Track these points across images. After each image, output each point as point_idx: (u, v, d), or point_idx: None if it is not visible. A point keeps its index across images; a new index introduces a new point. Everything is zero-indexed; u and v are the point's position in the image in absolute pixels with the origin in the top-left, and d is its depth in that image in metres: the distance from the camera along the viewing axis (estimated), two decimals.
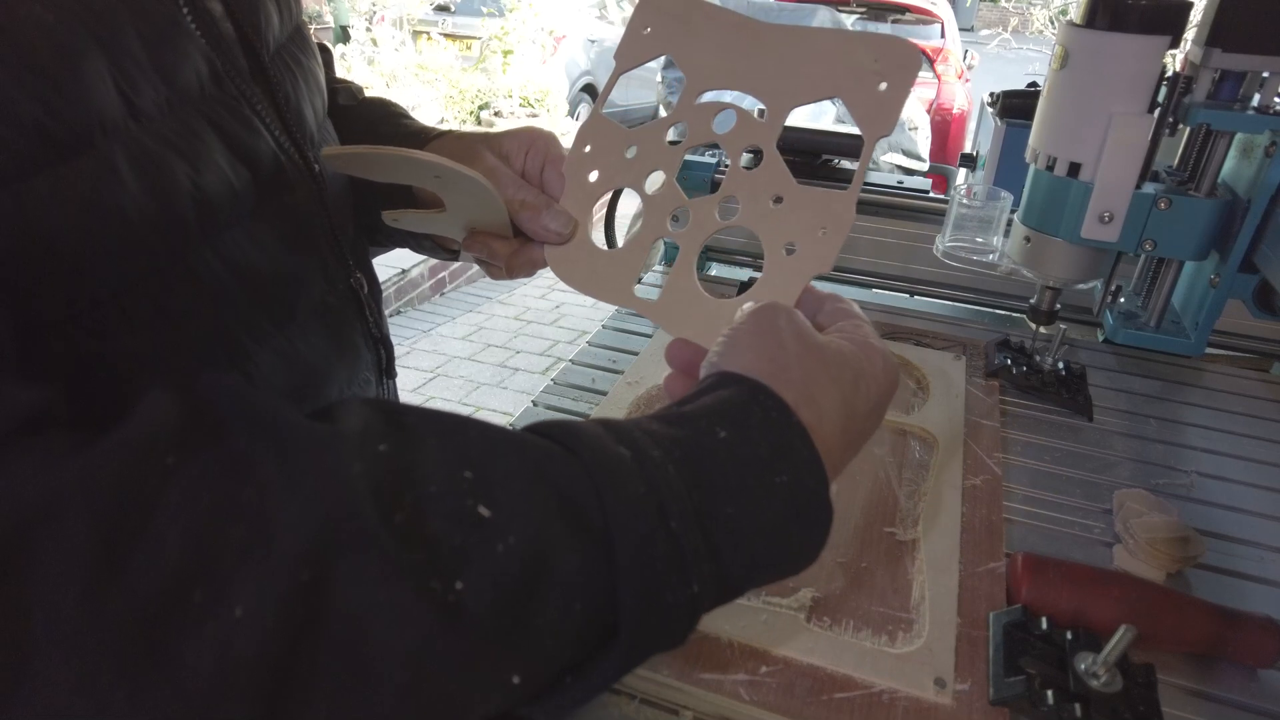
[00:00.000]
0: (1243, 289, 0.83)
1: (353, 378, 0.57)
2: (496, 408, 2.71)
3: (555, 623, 0.28)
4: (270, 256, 0.46)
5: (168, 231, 0.39)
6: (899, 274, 1.08)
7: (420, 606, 0.25)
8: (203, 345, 0.43)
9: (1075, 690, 0.47)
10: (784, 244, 0.44)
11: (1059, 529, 0.65)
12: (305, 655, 0.24)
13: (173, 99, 0.39)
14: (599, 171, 0.50)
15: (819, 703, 0.48)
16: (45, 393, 0.28)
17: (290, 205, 0.49)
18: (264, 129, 0.45)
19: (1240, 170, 0.81)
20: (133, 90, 0.37)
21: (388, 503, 0.27)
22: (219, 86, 0.43)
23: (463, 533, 0.27)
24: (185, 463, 0.25)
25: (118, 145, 0.36)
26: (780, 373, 0.36)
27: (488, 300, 3.60)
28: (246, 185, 0.44)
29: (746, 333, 0.38)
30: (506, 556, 0.27)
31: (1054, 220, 0.79)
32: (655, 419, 0.34)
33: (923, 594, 0.56)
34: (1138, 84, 0.71)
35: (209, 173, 0.41)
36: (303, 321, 0.50)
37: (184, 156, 0.40)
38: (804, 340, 0.38)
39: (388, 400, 0.32)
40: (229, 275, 0.43)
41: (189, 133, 0.40)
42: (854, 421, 0.37)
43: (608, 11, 6.41)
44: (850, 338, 0.40)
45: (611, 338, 0.93)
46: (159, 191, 0.38)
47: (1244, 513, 0.68)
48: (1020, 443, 0.75)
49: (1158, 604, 0.53)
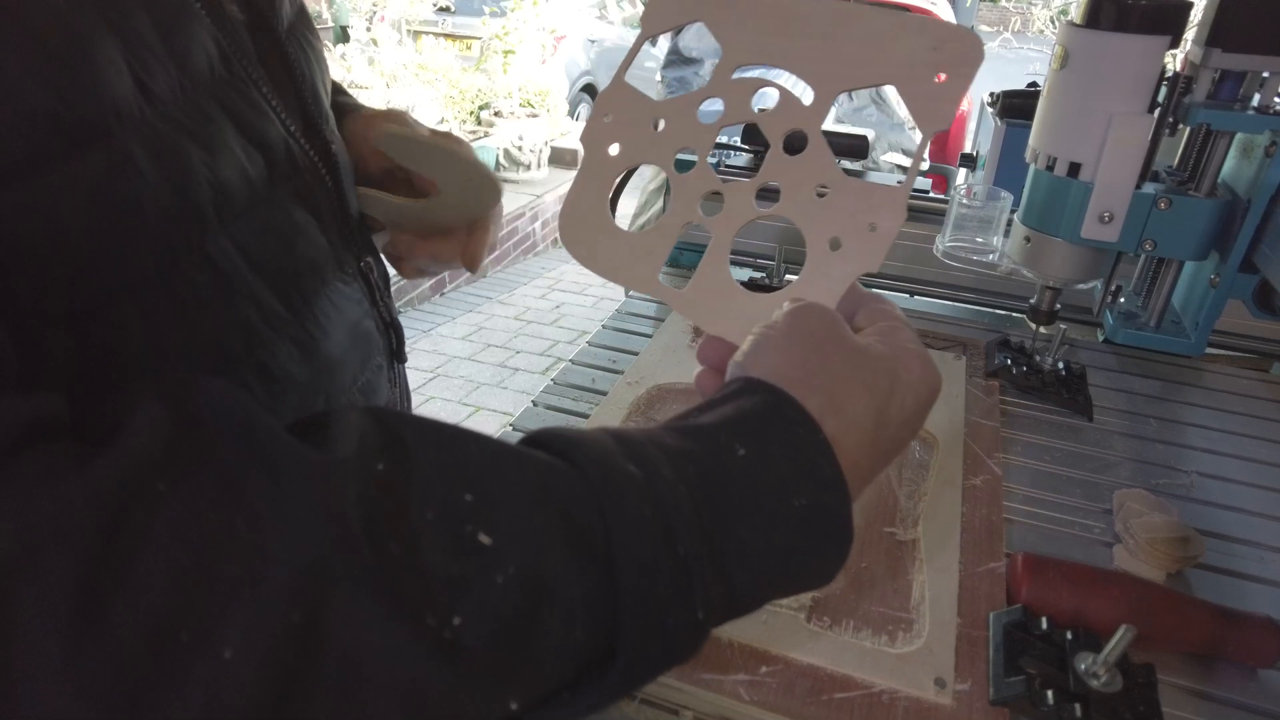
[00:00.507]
0: (1243, 289, 0.83)
1: (366, 363, 0.56)
2: (496, 408, 2.71)
3: (554, 648, 0.27)
4: (285, 243, 0.45)
5: (185, 222, 0.38)
6: (899, 274, 1.08)
7: (416, 645, 0.25)
8: (221, 336, 0.42)
9: (1075, 690, 0.47)
10: (828, 238, 0.41)
11: (1059, 529, 0.65)
12: (298, 698, 0.23)
13: (185, 84, 0.38)
14: (620, 145, 0.46)
15: (819, 703, 0.48)
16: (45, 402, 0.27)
17: (302, 189, 0.48)
18: (272, 112, 0.44)
19: (1240, 170, 0.81)
20: (147, 75, 0.35)
21: (383, 532, 0.25)
22: (228, 69, 0.42)
23: (461, 564, 0.26)
24: (175, 487, 0.24)
25: (133, 133, 0.35)
26: (808, 378, 0.34)
27: (488, 300, 3.60)
28: (260, 171, 0.43)
29: (780, 334, 0.37)
30: (506, 587, 0.26)
31: (1054, 220, 0.79)
32: (671, 430, 0.33)
33: (923, 594, 0.56)
34: (1138, 84, 0.71)
35: (225, 160, 0.40)
36: (318, 307, 0.49)
37: (200, 143, 0.38)
38: (840, 345, 0.36)
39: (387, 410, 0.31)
40: (245, 264, 0.42)
41: (203, 118, 0.39)
42: (886, 431, 0.35)
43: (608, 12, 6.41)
44: (889, 341, 0.38)
45: (611, 338, 0.93)
46: (177, 181, 0.37)
47: (1244, 513, 0.68)
48: (1020, 443, 0.75)
49: (1158, 604, 0.53)
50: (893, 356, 0.37)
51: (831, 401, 0.34)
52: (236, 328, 0.43)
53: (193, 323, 0.40)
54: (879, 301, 0.41)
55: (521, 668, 0.27)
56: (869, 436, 0.35)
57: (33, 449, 0.25)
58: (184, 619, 0.23)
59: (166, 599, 0.23)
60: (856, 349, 0.36)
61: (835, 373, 0.35)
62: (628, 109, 0.46)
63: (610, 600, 0.28)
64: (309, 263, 0.48)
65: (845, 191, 0.41)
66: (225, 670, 0.22)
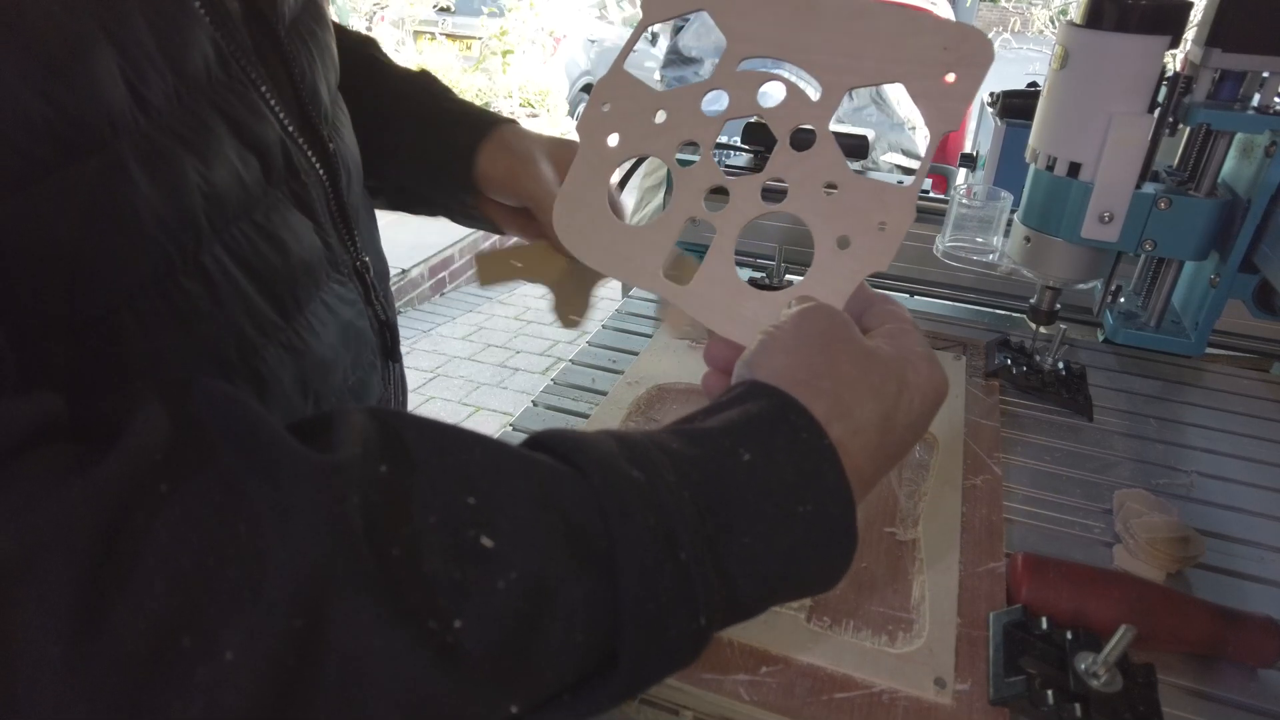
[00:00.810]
0: (1243, 289, 0.83)
1: (358, 361, 0.55)
2: (496, 408, 2.71)
3: (556, 652, 0.27)
4: (278, 248, 0.45)
5: (179, 231, 0.37)
6: (899, 274, 1.08)
7: (417, 650, 0.25)
8: (215, 343, 0.42)
9: (1075, 690, 0.47)
10: (836, 236, 0.41)
11: (1059, 529, 0.65)
12: (298, 701, 0.23)
13: (180, 90, 0.37)
14: (619, 135, 0.45)
15: (819, 703, 0.48)
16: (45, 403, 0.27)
17: (298, 191, 0.47)
18: (270, 114, 0.44)
19: (1240, 170, 0.81)
20: (141, 83, 0.35)
21: (385, 536, 0.25)
22: (225, 71, 0.41)
23: (462, 568, 0.26)
24: (176, 489, 0.24)
25: (126, 143, 0.34)
26: (815, 381, 0.34)
27: (488, 300, 3.60)
28: (255, 175, 0.42)
29: (787, 335, 0.36)
30: (508, 591, 0.26)
31: (1054, 220, 0.79)
32: (675, 434, 0.32)
33: (923, 594, 0.56)
34: (1138, 84, 0.71)
35: (219, 166, 0.39)
36: (310, 310, 0.49)
37: (194, 150, 0.38)
38: (848, 347, 0.36)
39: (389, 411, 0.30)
40: (239, 270, 0.42)
41: (198, 124, 0.38)
42: (892, 435, 0.35)
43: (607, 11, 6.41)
44: (897, 344, 0.38)
45: (611, 338, 0.93)
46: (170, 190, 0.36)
47: (1244, 513, 0.68)
48: (1020, 443, 0.75)
49: (1158, 604, 0.53)
50: (901, 359, 0.37)
51: (838, 405, 0.33)
52: (230, 335, 0.42)
53: (188, 331, 0.40)
54: (887, 303, 0.41)
55: (523, 672, 0.27)
56: (875, 440, 0.34)
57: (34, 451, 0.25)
58: (185, 622, 0.23)
59: (167, 602, 0.23)
60: (865, 352, 0.36)
61: (843, 376, 0.34)
62: (627, 98, 0.45)
63: (612, 604, 0.28)
64: (303, 265, 0.48)
65: (855, 189, 0.41)
66: (226, 674, 0.22)
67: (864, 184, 0.41)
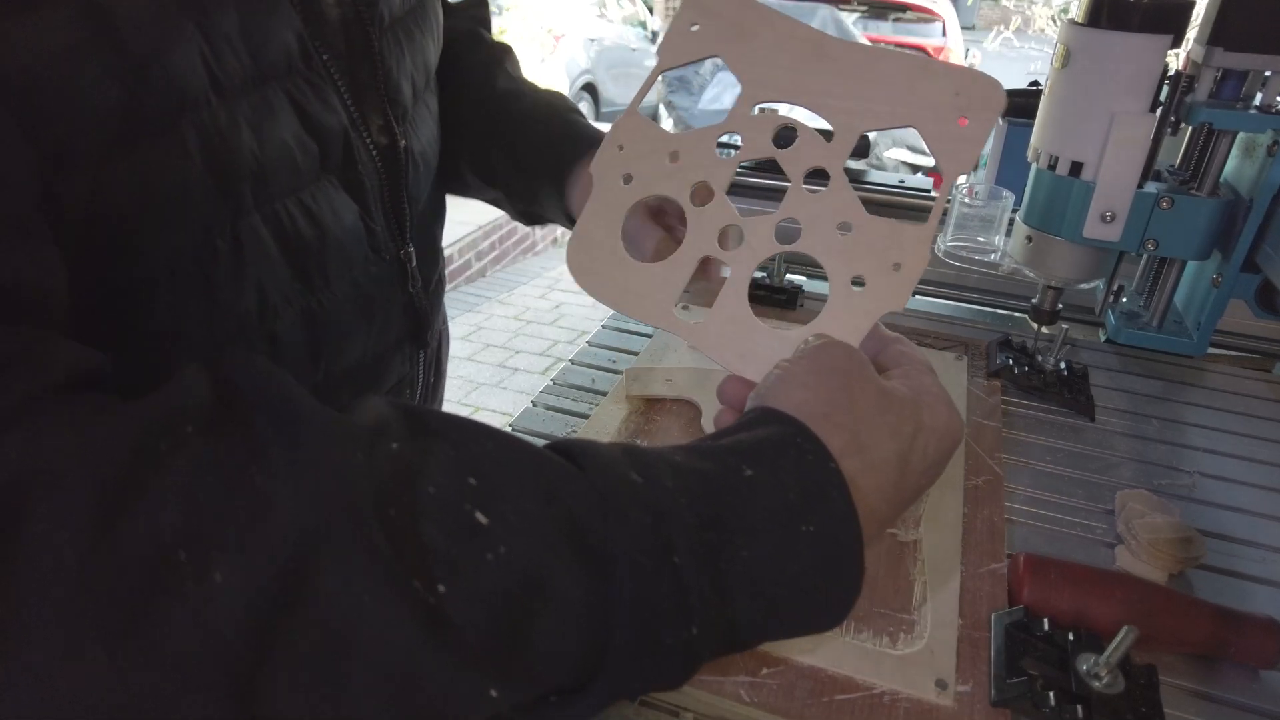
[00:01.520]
0: (1245, 289, 0.83)
1: (383, 339, 0.57)
2: (496, 408, 2.71)
3: (545, 642, 0.27)
4: (317, 225, 0.47)
5: (221, 203, 0.39)
6: None
7: (400, 605, 0.25)
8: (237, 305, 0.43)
9: (1077, 691, 0.47)
10: (850, 276, 0.42)
11: (1061, 530, 0.65)
12: (281, 641, 0.24)
13: (255, 74, 0.39)
14: (634, 176, 0.46)
15: (820, 704, 0.48)
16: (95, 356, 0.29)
17: (353, 179, 0.49)
18: (340, 106, 0.46)
19: (1242, 170, 0.81)
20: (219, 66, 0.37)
21: (385, 497, 0.26)
22: (307, 64, 0.43)
23: (451, 537, 0.27)
24: (203, 433, 0.26)
25: (191, 122, 0.36)
26: (831, 415, 0.34)
27: (487, 300, 3.60)
28: (312, 160, 0.44)
29: (804, 370, 0.36)
30: (496, 567, 0.27)
31: (1056, 220, 0.79)
32: (682, 449, 0.33)
33: (924, 595, 0.56)
34: (1140, 83, 0.71)
35: (272, 147, 0.41)
36: (336, 286, 0.51)
37: (253, 129, 0.40)
38: (866, 385, 0.36)
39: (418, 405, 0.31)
40: (274, 240, 0.44)
41: (265, 106, 0.40)
42: (908, 477, 0.35)
43: (607, 10, 6.41)
44: (913, 385, 0.37)
45: (611, 338, 0.93)
46: (221, 166, 0.38)
47: (1246, 513, 0.68)
48: (1022, 443, 0.75)
49: (1160, 605, 0.53)
50: (917, 401, 0.36)
51: (855, 441, 0.33)
52: (253, 296, 0.44)
53: (214, 292, 0.41)
54: (903, 344, 0.41)
55: (510, 659, 0.27)
56: (890, 480, 0.34)
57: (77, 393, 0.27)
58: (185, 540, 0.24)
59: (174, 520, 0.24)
60: (882, 390, 0.36)
61: (860, 413, 0.34)
62: (641, 140, 0.46)
63: (604, 603, 0.28)
64: (338, 245, 0.49)
65: (869, 230, 0.41)
66: (214, 592, 0.24)
67: (878, 225, 0.41)
